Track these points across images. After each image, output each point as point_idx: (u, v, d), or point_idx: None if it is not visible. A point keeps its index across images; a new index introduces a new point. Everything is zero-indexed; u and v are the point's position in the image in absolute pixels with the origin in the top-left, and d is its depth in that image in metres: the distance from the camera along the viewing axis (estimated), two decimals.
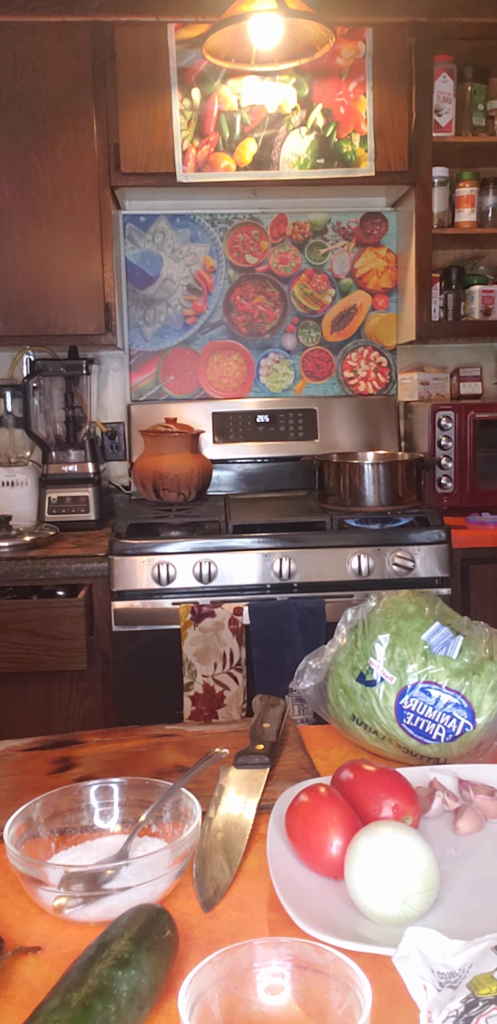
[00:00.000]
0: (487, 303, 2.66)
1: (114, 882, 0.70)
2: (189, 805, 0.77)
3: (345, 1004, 0.50)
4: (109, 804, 0.82)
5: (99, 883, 0.70)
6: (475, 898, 0.70)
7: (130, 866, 0.71)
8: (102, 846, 0.78)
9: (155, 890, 0.70)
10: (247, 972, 0.52)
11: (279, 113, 2.46)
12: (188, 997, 0.48)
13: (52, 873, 0.69)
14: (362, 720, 0.95)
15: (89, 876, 0.70)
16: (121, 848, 0.76)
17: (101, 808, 0.82)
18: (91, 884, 0.70)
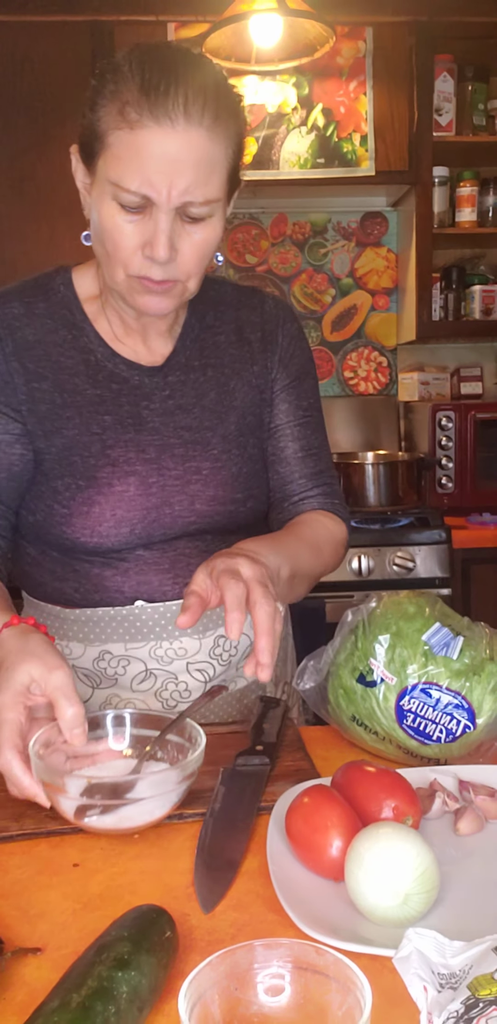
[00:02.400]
0: (487, 303, 2.66)
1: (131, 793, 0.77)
2: (193, 733, 0.83)
3: (345, 1005, 0.49)
4: (122, 728, 0.88)
5: (119, 793, 0.77)
6: (475, 899, 0.70)
7: (142, 781, 0.79)
8: (114, 767, 0.84)
9: (165, 804, 0.78)
10: (247, 973, 0.52)
11: (279, 112, 2.46)
12: (188, 998, 0.48)
13: (74, 784, 0.77)
14: (362, 721, 0.95)
15: (109, 787, 0.78)
16: (134, 767, 0.84)
17: (115, 733, 0.88)
18: (110, 794, 0.77)
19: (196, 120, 0.88)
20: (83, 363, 1.04)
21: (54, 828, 0.83)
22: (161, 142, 0.87)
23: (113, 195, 0.90)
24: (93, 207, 0.94)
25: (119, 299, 1.00)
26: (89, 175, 0.94)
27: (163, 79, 0.87)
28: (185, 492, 1.05)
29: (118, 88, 0.88)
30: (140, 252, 0.91)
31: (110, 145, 0.88)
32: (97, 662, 1.07)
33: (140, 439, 1.04)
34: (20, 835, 0.82)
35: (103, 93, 0.89)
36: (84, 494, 1.01)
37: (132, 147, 0.87)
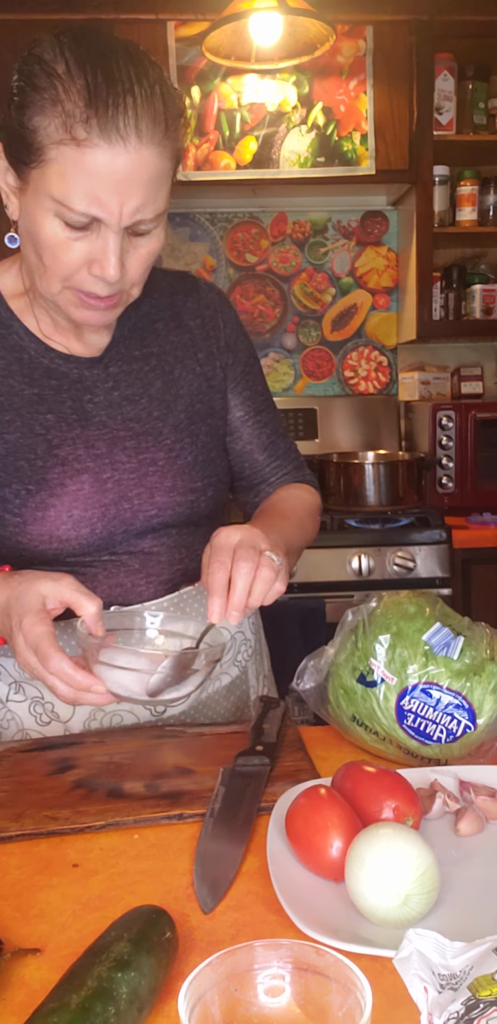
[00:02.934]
0: (488, 302, 2.66)
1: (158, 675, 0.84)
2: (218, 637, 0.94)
3: (345, 1006, 0.49)
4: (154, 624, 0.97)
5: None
6: (476, 900, 0.70)
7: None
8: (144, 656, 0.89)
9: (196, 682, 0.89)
10: (247, 974, 0.52)
11: (279, 111, 2.46)
12: (188, 999, 0.48)
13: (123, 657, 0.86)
14: (362, 721, 0.95)
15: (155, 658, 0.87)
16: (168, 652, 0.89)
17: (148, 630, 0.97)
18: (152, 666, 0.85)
19: (147, 137, 0.83)
20: (16, 362, 0.99)
21: (54, 828, 0.83)
22: (111, 161, 0.81)
23: (56, 212, 0.84)
24: (26, 214, 0.88)
25: (51, 305, 0.96)
26: (18, 179, 0.87)
27: (112, 91, 0.80)
28: (143, 484, 1.02)
29: (58, 96, 0.80)
30: (85, 269, 0.87)
31: (52, 160, 0.82)
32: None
33: (87, 434, 1.00)
34: (20, 835, 0.82)
35: (38, 99, 0.81)
36: (35, 498, 0.97)
37: (79, 166, 0.81)
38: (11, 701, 1.04)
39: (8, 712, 1.04)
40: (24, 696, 1.04)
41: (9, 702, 1.04)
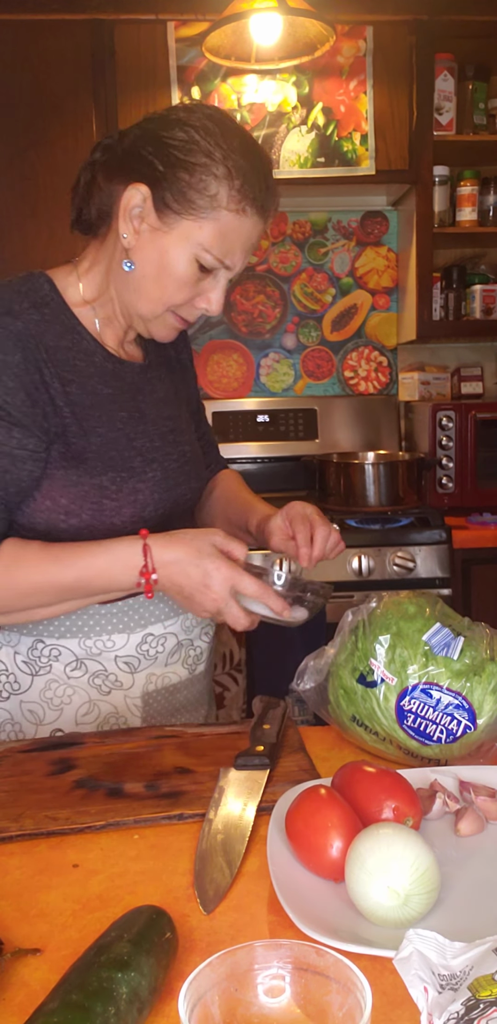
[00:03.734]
0: (488, 302, 2.66)
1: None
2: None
3: (345, 1006, 0.49)
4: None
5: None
6: (476, 900, 0.70)
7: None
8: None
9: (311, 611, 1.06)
10: (247, 974, 0.52)
11: (279, 111, 2.46)
12: (188, 999, 0.48)
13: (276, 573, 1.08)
14: (362, 721, 0.95)
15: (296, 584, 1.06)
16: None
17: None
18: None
19: (274, 210, 1.06)
20: (91, 365, 1.09)
21: (54, 829, 0.83)
22: (254, 227, 1.03)
23: (197, 255, 1.02)
24: (159, 250, 1.03)
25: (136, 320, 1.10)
26: (159, 221, 1.02)
27: (266, 176, 1.02)
28: (183, 472, 1.16)
29: (231, 173, 1.00)
30: (191, 300, 1.06)
31: (213, 219, 1.01)
32: (140, 646, 1.13)
33: (148, 429, 1.13)
34: (20, 835, 0.82)
35: (212, 168, 0.99)
36: (128, 484, 1.08)
37: (234, 229, 1.01)
38: (72, 678, 1.11)
39: (69, 687, 1.12)
40: (85, 671, 1.12)
41: (70, 679, 1.11)
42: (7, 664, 1.12)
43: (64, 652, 1.10)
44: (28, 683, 1.12)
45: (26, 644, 1.11)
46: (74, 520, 1.05)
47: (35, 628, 1.10)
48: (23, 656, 1.11)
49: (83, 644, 1.10)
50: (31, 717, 1.13)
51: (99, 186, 1.07)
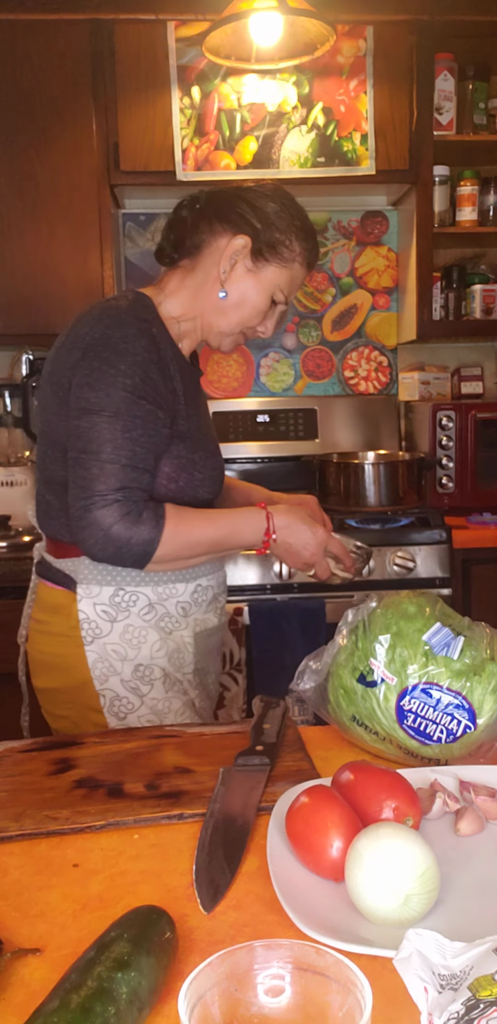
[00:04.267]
0: (488, 302, 2.66)
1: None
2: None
3: (345, 1006, 0.49)
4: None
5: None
6: (476, 900, 0.70)
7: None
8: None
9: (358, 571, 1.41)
10: (247, 974, 0.52)
11: (279, 111, 2.46)
12: (188, 999, 0.48)
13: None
14: (363, 721, 0.95)
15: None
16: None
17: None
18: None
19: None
20: (182, 366, 1.34)
21: (54, 828, 0.83)
22: (305, 275, 1.41)
23: (273, 294, 1.35)
24: (247, 286, 1.34)
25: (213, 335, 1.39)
26: (254, 265, 1.33)
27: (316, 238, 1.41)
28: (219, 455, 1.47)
29: (303, 237, 1.36)
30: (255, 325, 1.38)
31: (288, 269, 1.35)
32: (193, 594, 1.35)
33: (210, 423, 1.46)
34: (20, 835, 0.82)
35: (294, 232, 1.34)
36: (209, 463, 1.36)
37: (298, 276, 1.37)
38: (145, 620, 1.32)
39: (143, 628, 1.32)
40: (155, 614, 1.32)
41: (144, 621, 1.32)
42: (88, 613, 1.30)
43: (141, 598, 1.31)
44: (109, 628, 1.30)
45: (107, 593, 1.30)
46: (172, 486, 1.30)
47: (114, 579, 1.30)
48: (104, 605, 1.30)
49: (155, 590, 1.31)
50: (115, 656, 1.31)
51: (194, 228, 1.35)
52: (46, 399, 1.32)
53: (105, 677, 1.30)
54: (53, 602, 1.34)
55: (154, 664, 1.31)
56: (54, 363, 1.31)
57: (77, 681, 1.31)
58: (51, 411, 1.30)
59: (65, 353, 1.29)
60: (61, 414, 1.27)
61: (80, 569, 1.30)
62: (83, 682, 1.31)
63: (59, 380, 1.28)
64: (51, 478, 1.31)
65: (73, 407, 1.24)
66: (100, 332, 1.25)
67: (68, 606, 1.31)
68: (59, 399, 1.28)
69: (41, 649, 1.38)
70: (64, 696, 1.35)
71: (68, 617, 1.31)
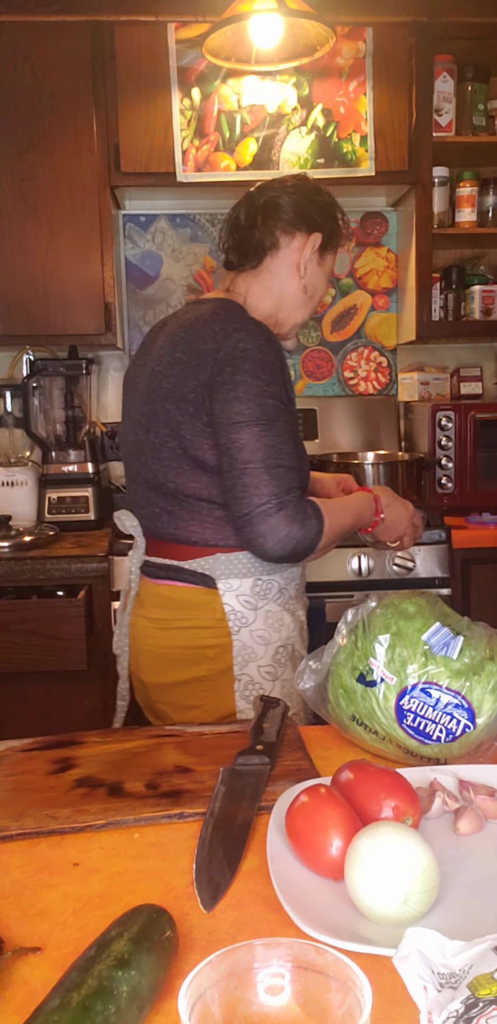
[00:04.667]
0: (487, 303, 2.66)
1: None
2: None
3: (345, 1005, 0.49)
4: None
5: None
6: (475, 899, 0.70)
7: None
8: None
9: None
10: (247, 972, 0.52)
11: (279, 113, 2.46)
12: (188, 997, 0.48)
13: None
14: (362, 720, 0.95)
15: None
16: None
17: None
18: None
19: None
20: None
21: (54, 827, 0.83)
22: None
23: (328, 277, 1.53)
24: (315, 276, 1.49)
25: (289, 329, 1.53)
26: (319, 258, 1.48)
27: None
28: None
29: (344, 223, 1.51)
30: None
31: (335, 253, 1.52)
32: (300, 577, 1.52)
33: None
34: (20, 834, 0.82)
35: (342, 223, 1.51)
36: (305, 455, 1.48)
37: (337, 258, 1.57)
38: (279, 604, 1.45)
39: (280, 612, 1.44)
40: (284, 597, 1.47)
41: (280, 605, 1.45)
42: (233, 605, 1.40)
43: (274, 584, 1.43)
44: (253, 617, 1.41)
45: (248, 584, 1.41)
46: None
47: (251, 571, 1.41)
48: (246, 595, 1.41)
49: (282, 576, 1.44)
50: (259, 641, 1.42)
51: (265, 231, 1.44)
52: (167, 416, 1.37)
53: (245, 663, 1.40)
54: (190, 600, 1.42)
55: (289, 644, 1.45)
56: (172, 380, 1.36)
57: (220, 668, 1.40)
58: (177, 427, 1.35)
59: (190, 370, 1.34)
60: (195, 429, 1.34)
61: (217, 566, 1.40)
62: (226, 668, 1.40)
63: (185, 396, 1.34)
64: (178, 490, 1.38)
65: (224, 422, 1.30)
66: (232, 346, 1.31)
67: (210, 601, 1.40)
68: (190, 415, 1.34)
69: (173, 645, 1.43)
70: (202, 685, 1.41)
71: (213, 611, 1.40)
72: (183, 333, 1.38)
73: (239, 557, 1.39)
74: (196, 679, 1.42)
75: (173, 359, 1.37)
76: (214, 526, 1.39)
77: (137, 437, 1.44)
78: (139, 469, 1.45)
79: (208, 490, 1.36)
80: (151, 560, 1.47)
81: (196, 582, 1.41)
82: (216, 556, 1.39)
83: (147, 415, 1.41)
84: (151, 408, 1.40)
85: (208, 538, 1.39)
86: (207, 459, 1.34)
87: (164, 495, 1.40)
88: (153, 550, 1.46)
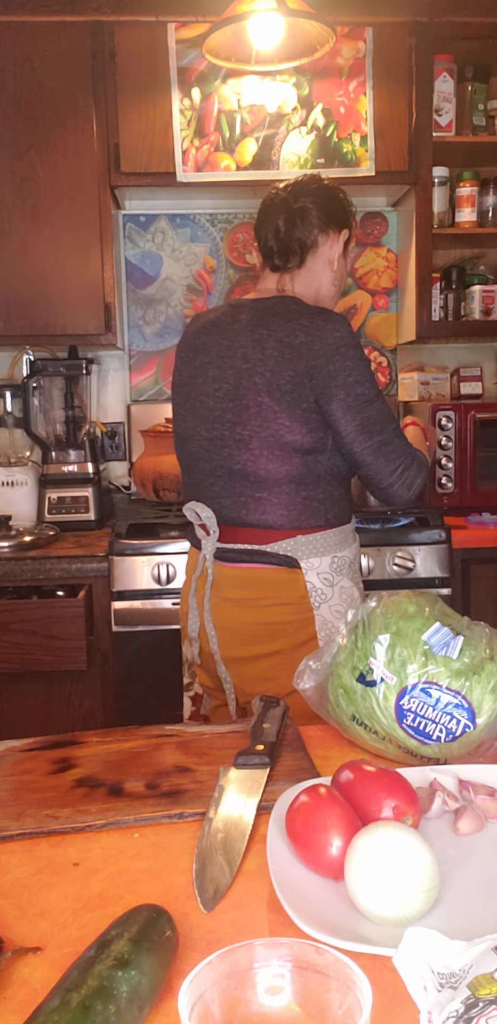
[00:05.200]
0: (487, 303, 2.66)
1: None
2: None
3: (345, 1005, 0.49)
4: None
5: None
6: (475, 899, 0.70)
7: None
8: None
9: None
10: (247, 972, 0.52)
11: (279, 113, 2.46)
12: (188, 997, 0.48)
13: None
14: (362, 720, 0.95)
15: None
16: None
17: None
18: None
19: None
20: None
21: (54, 827, 0.83)
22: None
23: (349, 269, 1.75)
24: (341, 265, 1.64)
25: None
26: (343, 249, 1.63)
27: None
28: None
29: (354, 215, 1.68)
30: None
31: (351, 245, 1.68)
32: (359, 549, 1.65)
33: None
34: (20, 834, 0.82)
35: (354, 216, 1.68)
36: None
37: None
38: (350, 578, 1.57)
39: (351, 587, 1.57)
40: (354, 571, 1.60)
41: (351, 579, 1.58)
42: (314, 583, 1.52)
43: (345, 560, 1.55)
44: (330, 593, 1.53)
45: (326, 562, 1.53)
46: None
47: (328, 549, 1.53)
48: (325, 572, 1.53)
49: (350, 550, 1.58)
50: (338, 615, 1.52)
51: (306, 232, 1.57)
52: (260, 408, 1.48)
53: (330, 637, 1.48)
54: (273, 580, 1.52)
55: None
56: (265, 375, 1.47)
57: (299, 641, 1.51)
58: (273, 418, 1.47)
59: (284, 363, 1.46)
60: (293, 416, 1.46)
61: (298, 548, 1.51)
62: (305, 641, 1.51)
63: (280, 387, 1.46)
64: (269, 476, 1.50)
65: (350, 406, 1.46)
66: (329, 336, 1.46)
67: (292, 580, 1.52)
68: (287, 404, 1.46)
69: (256, 621, 1.53)
70: (281, 658, 1.51)
71: (296, 588, 1.52)
72: (267, 332, 1.49)
73: (317, 537, 1.53)
74: (275, 652, 1.53)
75: (264, 355, 1.48)
76: (299, 508, 1.51)
77: (219, 432, 1.53)
78: (221, 462, 1.54)
79: (298, 471, 1.49)
80: (229, 547, 1.55)
81: (279, 563, 1.52)
82: (296, 538, 1.52)
83: (234, 410, 1.51)
84: (240, 403, 1.50)
85: (293, 520, 1.51)
86: (303, 442, 1.48)
87: (251, 483, 1.51)
88: (232, 537, 1.55)
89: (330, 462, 1.52)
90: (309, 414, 1.46)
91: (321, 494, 1.52)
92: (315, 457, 1.49)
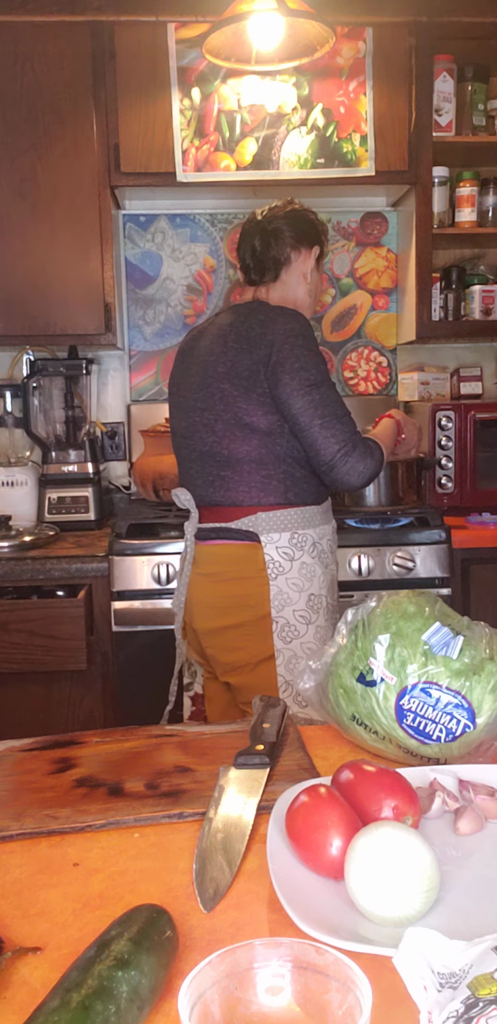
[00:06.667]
0: (487, 303, 2.66)
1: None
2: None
3: (345, 1005, 0.49)
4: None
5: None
6: (475, 899, 0.70)
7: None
8: None
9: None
10: (247, 972, 0.52)
11: (279, 113, 2.46)
12: (188, 997, 0.48)
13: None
14: (362, 720, 0.95)
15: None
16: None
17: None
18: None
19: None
20: None
21: (54, 827, 0.83)
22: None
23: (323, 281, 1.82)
24: (315, 279, 1.80)
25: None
26: (315, 265, 1.79)
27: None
28: None
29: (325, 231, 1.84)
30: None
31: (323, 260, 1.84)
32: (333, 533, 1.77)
33: None
34: (20, 834, 0.82)
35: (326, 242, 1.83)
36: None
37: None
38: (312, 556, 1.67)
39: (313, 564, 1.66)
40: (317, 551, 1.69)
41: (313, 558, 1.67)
42: (272, 556, 1.64)
43: (308, 538, 1.66)
44: (289, 566, 1.64)
45: (286, 537, 1.65)
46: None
47: (288, 526, 1.64)
48: (285, 547, 1.64)
49: (316, 531, 1.67)
50: (294, 588, 1.64)
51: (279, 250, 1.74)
52: (222, 394, 1.64)
53: (281, 607, 1.63)
54: (237, 554, 1.66)
55: (321, 595, 1.67)
56: (226, 364, 1.64)
57: (261, 614, 1.63)
58: (233, 402, 1.63)
59: (241, 353, 1.63)
60: (249, 399, 1.61)
61: (258, 523, 1.65)
62: (264, 614, 1.63)
63: (239, 374, 1.62)
64: (231, 456, 1.64)
65: (296, 388, 1.58)
66: (281, 327, 1.62)
67: (253, 554, 1.65)
68: (244, 388, 1.62)
69: (222, 594, 1.68)
70: (245, 629, 1.65)
71: (255, 562, 1.64)
72: (230, 328, 1.66)
73: (278, 514, 1.65)
74: (240, 623, 1.65)
75: (225, 348, 1.65)
76: (258, 486, 1.65)
77: (192, 419, 1.70)
78: (194, 445, 1.71)
79: (258, 451, 1.63)
80: (203, 526, 1.71)
81: (242, 538, 1.66)
82: (257, 515, 1.65)
83: (202, 398, 1.68)
84: (206, 391, 1.67)
85: (253, 497, 1.65)
86: (260, 424, 1.61)
87: (217, 462, 1.66)
88: (205, 517, 1.71)
89: (289, 444, 1.64)
90: (264, 398, 1.61)
91: (281, 474, 1.65)
92: (273, 439, 1.63)
